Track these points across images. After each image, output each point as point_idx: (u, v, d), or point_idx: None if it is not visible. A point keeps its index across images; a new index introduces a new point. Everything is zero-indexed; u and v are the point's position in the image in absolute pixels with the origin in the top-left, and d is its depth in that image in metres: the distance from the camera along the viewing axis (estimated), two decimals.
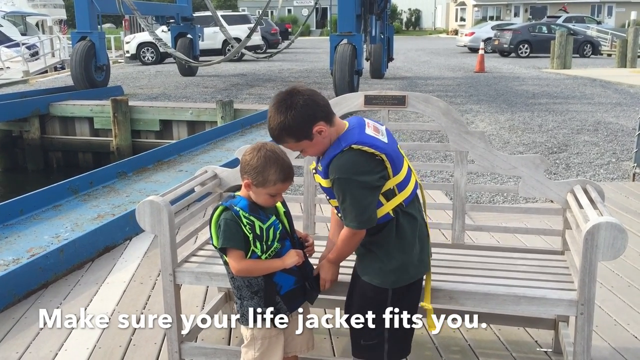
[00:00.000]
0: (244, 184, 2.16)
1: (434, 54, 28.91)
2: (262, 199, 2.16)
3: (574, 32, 26.00)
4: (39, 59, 21.98)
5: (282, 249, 2.20)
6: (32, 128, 11.44)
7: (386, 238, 2.13)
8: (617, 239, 2.11)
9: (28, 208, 5.17)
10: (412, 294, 2.21)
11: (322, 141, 2.09)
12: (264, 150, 2.12)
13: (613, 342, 3.01)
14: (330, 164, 2.06)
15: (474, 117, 10.41)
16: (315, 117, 2.05)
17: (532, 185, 2.76)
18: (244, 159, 2.15)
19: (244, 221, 2.12)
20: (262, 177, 2.10)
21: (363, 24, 14.38)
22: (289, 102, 2.04)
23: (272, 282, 2.17)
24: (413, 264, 2.16)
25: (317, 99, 2.08)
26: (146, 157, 7.14)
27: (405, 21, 67.87)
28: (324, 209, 4.83)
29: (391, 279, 2.14)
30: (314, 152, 2.14)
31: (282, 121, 2.03)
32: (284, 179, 2.13)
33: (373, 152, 2.03)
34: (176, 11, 18.25)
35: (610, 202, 5.16)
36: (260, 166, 2.10)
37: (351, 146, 2.03)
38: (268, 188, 2.12)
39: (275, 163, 2.11)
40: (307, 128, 2.04)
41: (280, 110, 2.04)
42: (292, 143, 2.10)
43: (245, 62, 23.27)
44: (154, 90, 14.48)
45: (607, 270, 3.79)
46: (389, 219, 2.12)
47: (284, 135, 2.08)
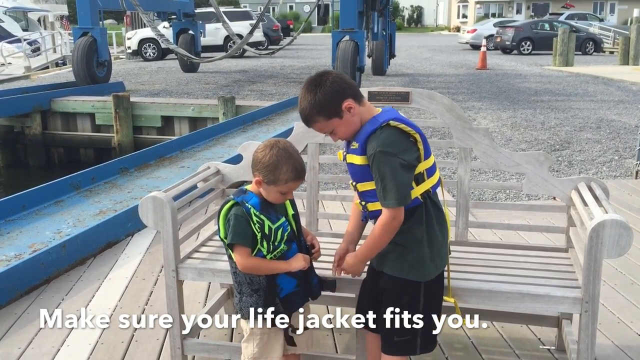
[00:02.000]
0: (254, 180, 2.15)
1: (436, 51, 28.87)
2: (273, 197, 2.15)
3: (577, 30, 25.94)
4: (40, 54, 21.98)
5: (288, 251, 2.18)
6: (34, 124, 11.43)
7: (416, 225, 2.11)
8: (622, 236, 2.10)
9: (30, 204, 5.16)
10: (439, 287, 2.21)
11: (352, 120, 2.10)
12: (277, 148, 2.11)
13: (616, 340, 3.00)
14: (369, 139, 2.06)
15: (476, 114, 10.39)
16: (345, 93, 2.08)
17: (537, 182, 2.75)
18: (256, 155, 2.14)
19: (254, 219, 2.10)
20: (274, 175, 2.09)
21: (365, 20, 14.35)
22: (318, 81, 2.09)
23: (275, 283, 2.16)
24: (440, 254, 2.16)
25: (346, 78, 2.14)
26: (148, 153, 7.13)
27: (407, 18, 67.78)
28: (327, 205, 4.83)
29: (424, 272, 2.12)
30: (344, 132, 2.13)
31: (312, 98, 2.07)
32: (295, 177, 2.12)
33: (409, 131, 2.05)
34: (178, 7, 18.22)
35: (613, 199, 5.11)
36: (273, 164, 2.09)
37: (389, 122, 2.05)
38: (279, 186, 2.11)
39: (288, 161, 2.10)
40: (336, 104, 2.07)
41: (311, 89, 2.09)
42: (323, 122, 2.11)
43: (247, 59, 23.26)
44: (156, 87, 14.47)
45: (610, 267, 3.78)
46: (418, 204, 2.10)
47: (314, 114, 2.10)
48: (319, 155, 3.02)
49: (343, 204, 4.71)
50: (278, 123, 9.51)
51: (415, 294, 2.13)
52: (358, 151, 2.10)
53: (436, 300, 2.20)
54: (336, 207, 4.71)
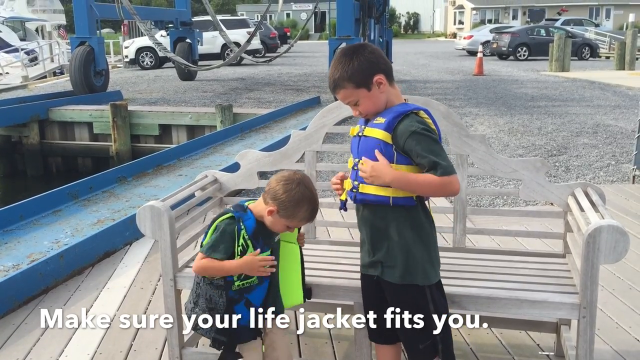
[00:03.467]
0: (267, 210, 2.12)
1: (432, 57, 28.96)
2: (279, 227, 2.15)
3: (572, 35, 26.04)
4: (38, 64, 22.01)
5: (259, 285, 2.16)
6: (32, 133, 11.44)
7: (410, 227, 2.09)
8: (619, 242, 2.11)
9: (28, 213, 5.16)
10: (442, 289, 2.22)
11: (379, 96, 2.10)
12: (303, 186, 2.11)
13: (615, 345, 3.00)
14: (402, 119, 2.04)
15: (473, 120, 10.42)
16: (379, 67, 2.09)
17: (533, 188, 2.76)
18: (278, 188, 2.12)
19: (240, 241, 2.10)
20: (292, 212, 2.10)
21: (362, 27, 14.40)
22: (356, 49, 2.10)
23: (232, 309, 2.14)
24: (437, 258, 2.18)
25: (383, 54, 2.15)
26: (146, 162, 7.13)
27: (404, 25, 68.03)
28: (325, 213, 4.83)
29: (429, 275, 2.12)
30: (368, 106, 2.11)
31: (347, 63, 2.07)
32: (310, 218, 2.15)
33: (433, 129, 2.07)
34: (175, 16, 18.27)
35: (610, 204, 5.14)
36: (295, 201, 2.09)
37: (419, 111, 2.08)
38: (292, 222, 2.13)
39: (310, 202, 2.11)
40: (368, 74, 2.07)
41: (347, 55, 2.09)
42: (350, 89, 2.09)
43: (244, 67, 23.30)
44: (153, 95, 14.48)
45: (608, 273, 3.79)
46: (412, 204, 2.08)
47: (344, 79, 2.08)
48: (317, 162, 3.02)
49: (341, 211, 4.70)
50: (275, 131, 9.53)
51: (423, 298, 2.12)
52: (382, 126, 2.07)
53: (445, 302, 2.21)
54: (334, 214, 4.71)
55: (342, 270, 2.59)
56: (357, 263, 2.46)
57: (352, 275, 2.48)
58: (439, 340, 2.15)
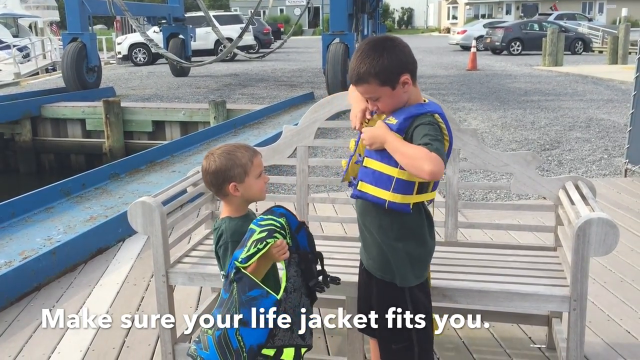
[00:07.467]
0: (231, 191, 2.06)
1: (426, 52, 28.95)
2: (257, 187, 2.10)
3: (566, 30, 26.11)
4: (30, 60, 21.89)
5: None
6: (24, 130, 11.40)
7: (417, 221, 2.09)
8: (609, 234, 2.11)
9: (20, 210, 5.14)
10: (427, 291, 2.18)
11: (402, 96, 2.01)
12: (216, 152, 2.09)
13: (606, 338, 3.02)
14: (413, 120, 1.98)
15: (466, 114, 10.43)
16: (407, 67, 1.99)
17: (524, 182, 2.76)
18: (210, 171, 2.07)
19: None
20: (239, 167, 2.05)
21: (355, 23, 14.37)
22: (386, 44, 1.99)
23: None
24: (424, 264, 2.15)
25: (411, 51, 2.05)
26: (139, 158, 7.11)
27: (398, 20, 68.05)
28: (318, 208, 4.83)
29: (407, 278, 2.10)
30: (388, 104, 2.03)
31: (376, 58, 1.95)
32: (252, 152, 2.10)
33: (445, 134, 2.00)
34: (168, 12, 18.22)
35: (602, 198, 5.18)
36: (229, 161, 2.06)
37: (436, 114, 2.00)
38: (250, 170, 2.07)
39: (233, 150, 2.08)
40: (396, 73, 1.96)
41: (376, 49, 1.97)
42: (374, 86, 1.98)
43: (237, 62, 23.24)
44: (146, 91, 14.43)
45: (599, 266, 3.81)
46: (407, 211, 2.04)
47: (370, 75, 1.96)
48: (309, 158, 3.02)
49: (334, 206, 4.72)
50: (269, 126, 9.52)
51: (401, 298, 2.10)
52: (394, 127, 2.00)
53: (427, 303, 2.17)
54: (327, 209, 4.71)
55: (335, 265, 2.59)
56: (350, 258, 2.46)
57: (345, 270, 2.48)
58: (415, 343, 2.11)
